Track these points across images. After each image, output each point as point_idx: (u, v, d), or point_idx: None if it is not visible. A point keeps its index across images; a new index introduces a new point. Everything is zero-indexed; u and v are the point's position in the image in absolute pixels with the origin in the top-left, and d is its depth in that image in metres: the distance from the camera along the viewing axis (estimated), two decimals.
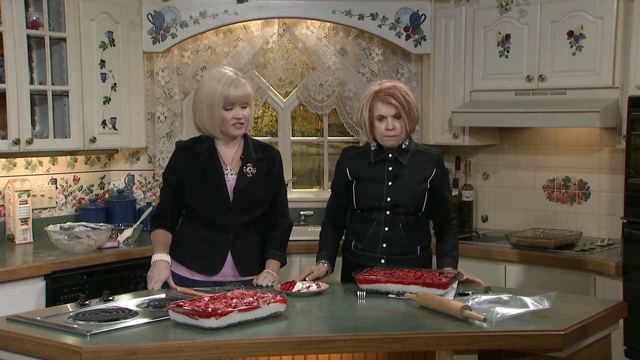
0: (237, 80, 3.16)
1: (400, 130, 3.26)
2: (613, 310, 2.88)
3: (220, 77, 3.17)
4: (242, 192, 3.22)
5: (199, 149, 3.25)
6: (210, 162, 3.23)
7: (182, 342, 2.41)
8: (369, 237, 3.33)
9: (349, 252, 3.42)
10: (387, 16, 4.74)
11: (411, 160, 3.33)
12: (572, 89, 4.21)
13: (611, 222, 4.38)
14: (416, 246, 3.34)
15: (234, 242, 3.24)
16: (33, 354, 2.48)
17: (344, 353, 2.69)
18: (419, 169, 3.33)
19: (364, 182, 3.32)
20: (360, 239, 3.35)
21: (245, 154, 3.27)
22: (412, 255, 3.33)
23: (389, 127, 3.25)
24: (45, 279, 3.78)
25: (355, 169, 3.36)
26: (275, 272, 3.25)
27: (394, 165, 3.32)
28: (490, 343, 2.54)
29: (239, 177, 3.23)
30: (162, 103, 4.84)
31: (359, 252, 3.36)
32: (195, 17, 4.67)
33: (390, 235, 3.30)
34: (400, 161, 3.31)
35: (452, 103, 4.65)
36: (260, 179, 3.26)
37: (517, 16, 4.39)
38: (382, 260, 3.30)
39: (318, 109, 4.97)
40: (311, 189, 5.27)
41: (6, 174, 4.36)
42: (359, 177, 3.34)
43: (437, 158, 3.37)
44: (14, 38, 4.01)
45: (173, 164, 3.32)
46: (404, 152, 3.33)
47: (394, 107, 3.24)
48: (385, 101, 3.25)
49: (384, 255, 3.31)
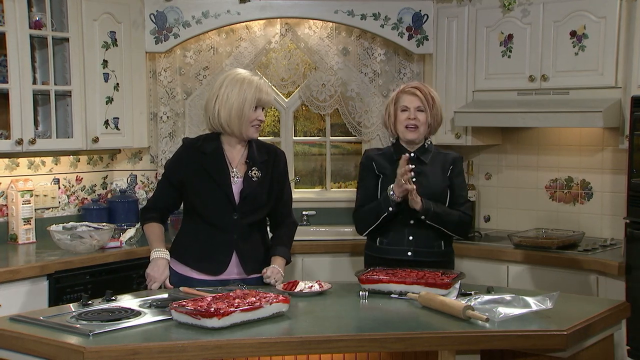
0: (263, 84, 3.23)
1: (422, 122, 3.37)
2: (616, 310, 2.87)
3: (251, 81, 3.20)
4: (249, 196, 3.23)
5: (205, 148, 3.25)
6: (216, 162, 3.24)
7: (185, 342, 2.41)
8: (395, 231, 3.38)
9: (373, 249, 3.47)
10: (390, 16, 4.74)
11: (432, 159, 3.43)
12: (574, 89, 4.21)
13: (614, 222, 4.38)
14: (440, 240, 3.41)
15: (238, 242, 3.24)
16: (36, 354, 2.48)
17: (347, 353, 2.69)
18: (440, 166, 3.43)
19: (390, 179, 3.36)
20: (386, 233, 3.40)
21: (250, 157, 3.28)
22: (437, 249, 3.40)
23: (410, 116, 3.36)
24: (48, 278, 3.78)
25: (380, 165, 3.44)
26: (281, 268, 3.27)
27: (416, 163, 3.39)
28: (493, 343, 2.54)
29: (245, 181, 3.24)
30: (165, 103, 4.84)
31: (385, 247, 3.42)
32: (198, 17, 4.67)
33: (416, 229, 3.36)
34: (422, 159, 3.41)
35: (455, 103, 4.65)
36: (265, 181, 3.28)
37: (520, 16, 4.39)
38: (409, 253, 3.37)
39: (320, 109, 4.97)
40: (313, 189, 5.27)
41: (9, 173, 4.36)
42: (385, 174, 3.42)
43: (455, 157, 3.49)
44: (17, 38, 4.02)
45: (178, 160, 3.32)
46: (426, 151, 3.44)
47: (418, 99, 3.38)
48: (410, 92, 3.40)
49: (410, 248, 3.38)
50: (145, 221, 3.34)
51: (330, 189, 5.20)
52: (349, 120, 4.98)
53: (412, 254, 3.37)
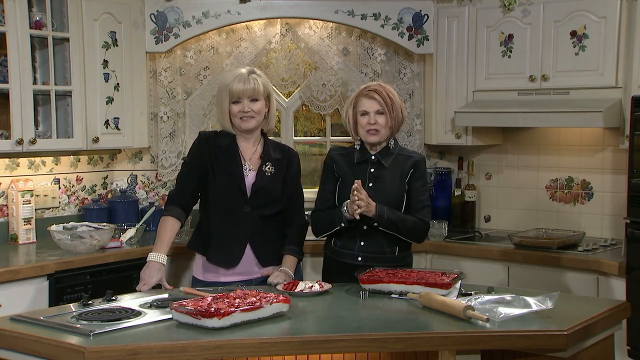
0: (244, 76, 3.31)
1: (382, 125, 3.32)
2: (616, 310, 2.87)
3: (233, 74, 3.34)
4: (261, 189, 3.32)
5: (220, 142, 3.36)
6: (230, 155, 3.34)
7: (185, 342, 2.41)
8: (347, 235, 3.37)
9: (330, 249, 3.47)
10: (390, 16, 4.74)
11: (393, 162, 3.37)
12: (575, 89, 4.21)
13: (614, 222, 4.38)
14: (394, 246, 3.37)
15: (252, 234, 3.32)
16: (36, 354, 2.48)
17: (347, 353, 2.68)
18: (399, 171, 3.37)
19: (346, 183, 3.35)
20: (339, 236, 3.40)
21: (265, 153, 3.37)
22: (390, 255, 3.37)
23: (370, 121, 3.31)
24: (48, 278, 3.78)
25: (340, 168, 3.42)
26: (291, 269, 3.34)
27: (376, 167, 3.37)
28: (493, 343, 2.54)
29: (258, 175, 3.33)
30: (165, 103, 4.84)
31: (338, 249, 3.42)
32: (198, 17, 4.67)
33: (368, 234, 3.34)
34: (382, 163, 3.36)
35: (455, 103, 4.65)
36: (278, 178, 3.36)
37: (520, 16, 4.39)
38: (359, 258, 3.35)
39: (320, 109, 4.97)
40: (314, 189, 5.26)
41: (9, 173, 4.36)
42: (342, 177, 3.40)
43: (417, 160, 3.40)
44: (17, 38, 4.02)
45: (196, 150, 3.41)
46: (388, 154, 3.39)
47: (377, 103, 3.31)
48: (369, 96, 3.34)
49: (360, 253, 3.36)
50: (164, 212, 3.39)
51: None
52: None
53: (362, 259, 3.34)
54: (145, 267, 3.25)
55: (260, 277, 3.34)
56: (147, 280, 3.20)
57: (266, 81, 3.37)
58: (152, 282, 3.20)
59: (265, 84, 3.34)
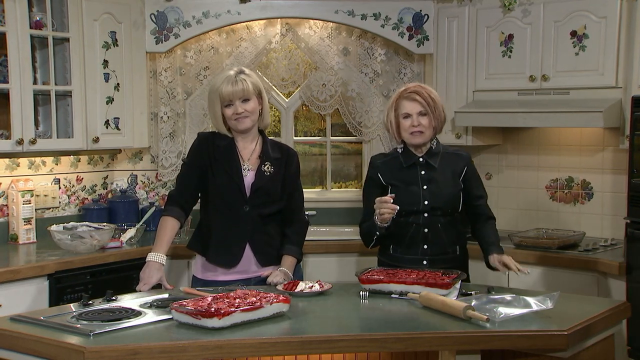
0: (231, 78, 3.28)
1: (426, 126, 3.30)
2: (616, 310, 2.88)
3: (221, 78, 3.31)
4: (260, 188, 3.31)
5: (219, 142, 3.35)
6: (229, 155, 3.33)
7: (185, 342, 2.41)
8: (409, 239, 3.34)
9: (387, 256, 3.42)
10: (390, 16, 4.74)
11: (442, 162, 3.37)
12: (575, 89, 4.21)
13: (614, 222, 4.38)
14: (455, 245, 3.39)
15: (252, 234, 3.32)
16: (36, 354, 2.48)
17: (347, 353, 2.69)
18: (450, 171, 3.37)
19: (399, 188, 3.33)
20: (400, 242, 3.36)
21: (263, 152, 3.36)
22: (452, 254, 3.37)
23: (414, 123, 3.29)
24: (48, 278, 3.78)
25: (387, 175, 3.38)
26: (290, 269, 3.33)
27: (426, 169, 3.35)
28: (493, 343, 2.54)
29: (257, 174, 3.32)
30: (165, 103, 4.84)
31: (399, 255, 3.37)
32: (198, 17, 4.68)
33: (430, 236, 3.33)
34: (432, 164, 3.35)
35: (455, 103, 4.64)
36: (277, 177, 3.35)
37: (520, 16, 4.39)
38: (424, 261, 3.32)
39: (321, 109, 4.97)
40: (314, 189, 5.27)
41: (9, 173, 4.36)
42: (393, 183, 3.36)
43: (466, 158, 3.43)
44: (17, 38, 4.02)
45: (195, 150, 3.40)
46: (434, 154, 3.38)
47: (419, 104, 3.30)
48: (410, 98, 3.31)
49: (425, 256, 3.33)
50: (164, 212, 3.39)
51: (331, 189, 5.20)
52: (350, 120, 4.98)
53: (427, 262, 3.31)
54: (144, 267, 3.25)
55: (259, 277, 3.33)
56: (147, 280, 3.20)
57: (255, 79, 3.33)
58: (152, 282, 3.20)
59: (254, 82, 3.30)
